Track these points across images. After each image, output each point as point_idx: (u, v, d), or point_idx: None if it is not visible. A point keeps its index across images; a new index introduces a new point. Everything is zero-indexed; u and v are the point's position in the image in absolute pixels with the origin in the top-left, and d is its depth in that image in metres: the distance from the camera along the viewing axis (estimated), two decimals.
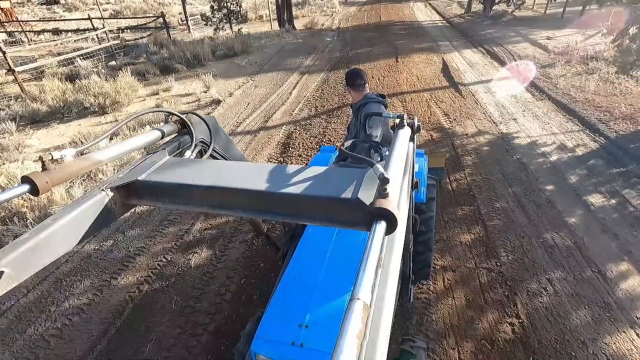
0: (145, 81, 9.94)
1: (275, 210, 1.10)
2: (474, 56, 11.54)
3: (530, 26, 15.23)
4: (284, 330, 1.87)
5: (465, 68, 10.31)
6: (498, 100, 7.87)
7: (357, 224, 0.97)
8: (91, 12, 24.91)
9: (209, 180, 1.13)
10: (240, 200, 1.12)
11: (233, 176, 1.16)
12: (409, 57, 11.51)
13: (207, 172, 1.19)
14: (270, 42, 13.92)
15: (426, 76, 9.62)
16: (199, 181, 1.13)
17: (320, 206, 1.02)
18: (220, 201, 1.15)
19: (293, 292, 2.09)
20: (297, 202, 1.05)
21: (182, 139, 1.48)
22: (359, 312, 0.57)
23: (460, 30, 15.64)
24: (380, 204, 0.81)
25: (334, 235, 2.41)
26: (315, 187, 1.04)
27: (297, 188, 1.04)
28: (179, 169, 1.23)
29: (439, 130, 6.55)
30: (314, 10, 22.44)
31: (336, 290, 2.04)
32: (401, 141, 1.26)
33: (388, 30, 16.22)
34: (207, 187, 1.11)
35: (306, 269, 2.22)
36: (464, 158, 5.56)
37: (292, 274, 2.20)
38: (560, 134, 6.29)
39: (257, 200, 1.09)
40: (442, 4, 23.41)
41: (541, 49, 11.56)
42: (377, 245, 0.72)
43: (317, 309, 1.94)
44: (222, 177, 1.15)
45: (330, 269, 2.18)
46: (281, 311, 1.99)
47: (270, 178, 1.11)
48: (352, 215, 0.97)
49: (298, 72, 10.59)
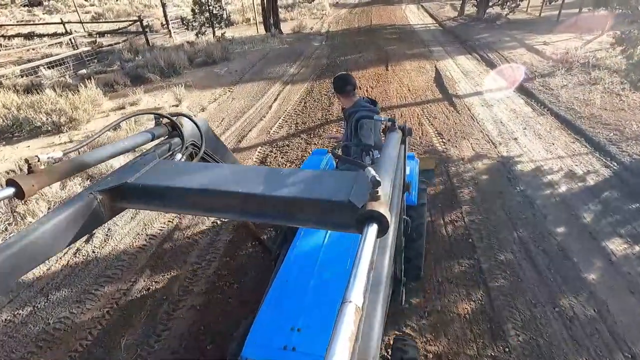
0: (114, 92, 9.07)
1: (267, 213, 1.08)
2: (468, 63, 10.79)
3: (526, 30, 14.53)
4: (275, 334, 1.83)
5: (460, 77, 9.55)
6: (496, 115, 7.11)
7: (349, 227, 0.94)
8: (73, 15, 23.91)
9: (201, 183, 1.12)
10: (232, 204, 1.10)
11: (225, 179, 1.15)
12: (399, 64, 10.74)
13: (199, 175, 1.19)
14: (254, 48, 13.07)
15: (418, 87, 8.84)
16: (190, 184, 1.12)
17: (312, 209, 1.01)
18: (212, 204, 1.13)
19: (285, 295, 2.06)
20: (289, 205, 1.04)
21: (173, 141, 1.44)
22: (351, 315, 0.57)
23: (454, 35, 14.91)
24: (372, 207, 0.81)
25: (325, 238, 2.38)
26: (307, 189, 1.03)
27: (289, 191, 1.04)
28: (170, 171, 1.22)
29: (432, 153, 5.77)
30: (304, 13, 21.61)
31: (328, 293, 2.01)
32: (392, 144, 1.28)
33: (379, 34, 15.44)
34: (198, 190, 1.10)
35: (298, 272, 2.19)
36: (460, 191, 4.78)
37: (284, 277, 2.17)
38: (567, 158, 5.54)
39: (249, 203, 1.08)
40: (435, 6, 22.69)
41: (539, 56, 10.84)
42: (368, 247, 0.72)
43: (309, 312, 1.91)
44: (214, 180, 1.14)
45: (322, 271, 2.15)
46: (273, 315, 1.94)
47: (262, 181, 1.11)
48: (344, 218, 0.96)
49: (281, 82, 9.77)
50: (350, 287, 0.62)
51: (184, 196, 1.14)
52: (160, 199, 1.16)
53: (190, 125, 1.51)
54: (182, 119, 1.49)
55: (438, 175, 5.14)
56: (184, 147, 1.44)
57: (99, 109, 7.89)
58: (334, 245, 2.34)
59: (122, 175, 1.18)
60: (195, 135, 1.53)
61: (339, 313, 0.57)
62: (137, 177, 1.17)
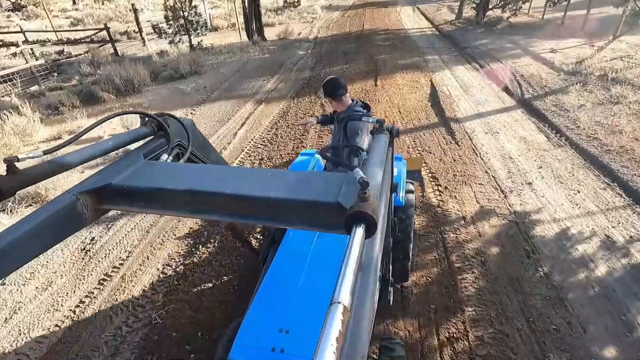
0: (59, 116, 7.72)
1: (255, 214, 1.06)
2: (468, 76, 9.44)
3: (529, 35, 13.16)
4: (263, 335, 1.80)
5: (458, 93, 8.20)
6: (503, 147, 5.76)
7: (337, 228, 0.91)
8: (55, 20, 22.51)
9: (187, 184, 1.09)
10: (219, 205, 1.08)
11: (212, 180, 1.12)
12: (390, 77, 9.38)
13: (185, 176, 1.16)
14: (231, 58, 11.68)
15: (410, 107, 7.49)
16: (176, 185, 1.09)
17: (300, 210, 1.00)
18: (198, 205, 1.09)
19: (273, 296, 2.02)
20: (277, 206, 1.01)
21: (159, 141, 1.40)
22: (339, 316, 0.57)
23: (451, 40, 13.54)
24: (360, 208, 0.80)
25: (314, 239, 2.33)
26: (294, 190, 1.01)
27: (277, 192, 1.01)
28: (155, 172, 1.19)
29: (424, 210, 4.41)
30: (293, 17, 20.22)
31: (317, 294, 1.96)
32: (380, 146, 1.28)
33: (370, 40, 14.07)
34: (184, 191, 1.07)
35: (286, 273, 2.15)
36: (462, 278, 3.41)
37: (272, 279, 2.12)
38: (600, 214, 4.20)
39: (237, 205, 1.06)
40: (431, 9, 21.29)
41: (547, 66, 9.48)
42: (356, 248, 0.72)
43: (298, 314, 1.86)
44: (201, 181, 1.11)
45: (311, 272, 2.11)
46: (261, 316, 1.91)
47: (249, 182, 1.08)
48: (332, 219, 0.94)
49: (254, 101, 8.41)
50: (339, 288, 0.62)
51: (170, 197, 1.10)
52: (146, 200, 1.12)
53: (176, 125, 1.46)
54: (168, 119, 1.44)
55: (432, 247, 3.79)
56: (170, 147, 1.39)
57: (29, 140, 6.54)
58: (322, 246, 2.30)
59: (106, 175, 1.14)
60: (181, 135, 1.47)
61: (327, 314, 0.57)
62: (121, 177, 1.13)
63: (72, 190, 1.08)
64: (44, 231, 0.97)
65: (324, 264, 2.18)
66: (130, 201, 1.12)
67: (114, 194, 1.11)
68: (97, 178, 1.14)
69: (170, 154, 1.38)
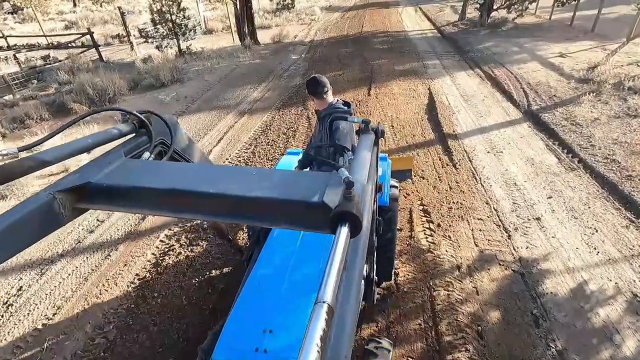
0: (25, 129, 7.10)
1: (239, 214, 1.04)
2: (470, 83, 8.68)
3: (536, 37, 12.35)
4: (247, 336, 1.76)
5: (458, 104, 7.45)
6: (507, 171, 5.02)
7: (322, 227, 0.92)
8: (49, 23, 22.05)
9: (169, 183, 1.06)
10: (202, 204, 1.05)
11: (195, 179, 1.09)
12: (386, 85, 8.65)
13: (167, 175, 1.13)
14: (219, 64, 11.00)
15: (405, 121, 6.76)
16: (158, 184, 1.06)
17: (285, 209, 0.99)
18: (181, 205, 1.06)
19: (257, 297, 1.98)
20: (261, 206, 1.00)
21: (141, 139, 1.35)
22: (324, 316, 0.56)
23: (453, 43, 12.76)
24: (345, 207, 0.80)
25: (299, 238, 2.30)
26: (280, 190, 1.00)
27: (261, 191, 1.00)
28: (137, 170, 1.15)
29: (411, 257, 3.67)
30: (291, 19, 19.52)
31: (301, 293, 1.92)
32: (365, 146, 1.27)
33: (368, 44, 13.33)
34: (166, 190, 1.04)
35: (271, 273, 2.10)
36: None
37: (256, 279, 2.08)
38: (624, 262, 3.46)
39: (221, 204, 1.03)
40: (434, 9, 20.47)
41: (556, 72, 8.70)
42: (341, 248, 0.72)
43: (282, 314, 1.83)
44: (184, 180, 1.08)
45: (295, 272, 2.07)
46: (245, 316, 1.86)
47: (234, 181, 1.06)
48: (317, 219, 0.93)
49: (236, 112, 7.73)
50: (323, 288, 0.61)
51: (152, 196, 1.06)
52: (127, 200, 1.08)
53: (159, 122, 1.41)
54: (150, 116, 1.38)
55: (418, 311, 3.07)
56: (152, 145, 1.34)
57: None
58: (307, 246, 2.24)
59: (86, 174, 1.10)
60: (164, 133, 1.42)
61: (311, 314, 0.57)
62: (101, 176, 1.09)
63: (48, 189, 1.03)
64: (18, 232, 0.92)
65: (308, 263, 2.14)
66: (110, 200, 1.09)
67: (93, 193, 1.08)
68: (76, 176, 1.10)
69: (153, 152, 1.34)
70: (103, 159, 1.19)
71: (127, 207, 1.11)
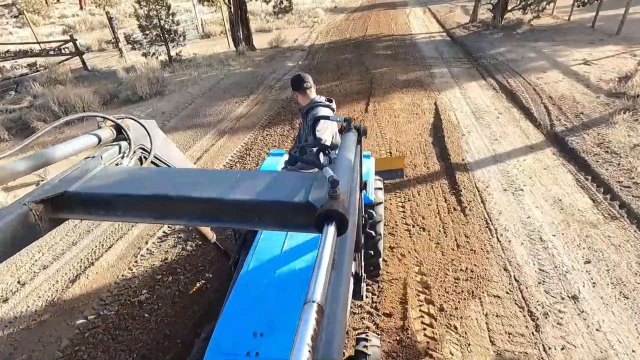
0: None
1: (224, 218, 1.03)
2: (482, 95, 7.59)
3: (555, 41, 11.15)
4: (238, 340, 1.71)
5: (469, 123, 6.39)
6: (530, 219, 3.97)
7: (309, 227, 0.91)
8: (49, 27, 21.47)
9: (151, 189, 1.03)
10: (186, 209, 1.03)
11: (177, 183, 1.07)
12: (386, 99, 7.61)
13: (148, 180, 1.10)
14: (207, 73, 10.05)
15: (405, 145, 5.73)
16: (138, 190, 1.03)
17: (271, 211, 0.98)
18: (164, 211, 1.04)
19: (246, 300, 1.93)
20: (246, 208, 0.99)
21: (119, 145, 1.32)
22: (314, 315, 0.56)
23: (463, 48, 11.63)
24: (331, 206, 0.79)
25: (285, 239, 2.26)
26: (264, 191, 0.99)
27: (246, 193, 0.98)
28: (116, 177, 1.12)
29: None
30: (292, 21, 18.53)
31: (290, 295, 1.90)
32: (349, 144, 1.25)
33: (371, 49, 12.27)
34: (148, 196, 1.01)
35: (259, 276, 2.06)
36: None
37: (244, 282, 2.04)
38: None
39: (205, 208, 1.01)
40: (443, 10, 19.27)
41: (581, 84, 7.55)
42: (329, 246, 0.71)
43: (272, 316, 1.79)
44: (165, 185, 1.05)
45: (283, 273, 2.04)
46: (234, 321, 1.82)
47: (217, 184, 1.04)
48: (303, 219, 0.93)
49: (215, 132, 6.77)
50: (312, 287, 0.61)
51: (132, 203, 1.03)
52: (106, 208, 1.06)
53: (137, 127, 1.39)
54: (128, 121, 1.36)
55: None
56: (131, 151, 1.33)
57: None
58: (295, 247, 2.21)
59: (62, 183, 1.07)
60: (143, 138, 1.41)
61: (301, 314, 0.56)
62: (79, 184, 1.06)
63: (23, 199, 0.99)
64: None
65: (296, 264, 2.07)
66: (88, 209, 1.06)
67: (70, 202, 1.03)
68: (52, 185, 1.06)
69: (132, 158, 1.31)
70: (80, 166, 1.15)
71: (107, 215, 1.08)
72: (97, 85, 8.77)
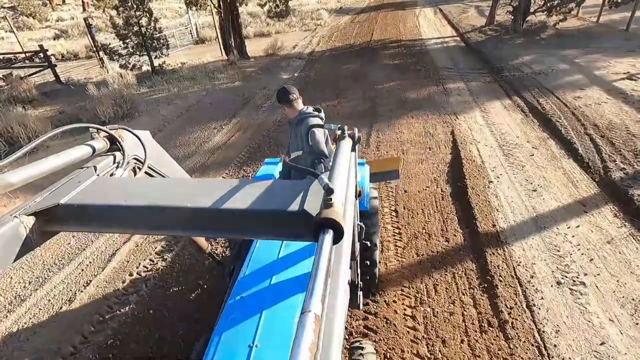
0: None
1: (219, 228, 1.02)
2: (509, 121, 6.15)
3: (587, 47, 9.61)
4: (233, 352, 1.61)
5: (496, 162, 4.98)
6: (607, 347, 2.59)
7: (304, 236, 0.90)
8: (43, 31, 20.44)
9: (145, 199, 0.99)
10: (180, 219, 0.99)
11: (172, 194, 1.04)
12: (392, 127, 6.22)
13: (142, 191, 1.05)
14: (188, 89, 8.73)
15: (415, 199, 4.34)
16: (133, 201, 0.99)
17: (266, 220, 0.95)
18: (158, 221, 1.01)
19: (241, 311, 1.82)
20: (241, 218, 0.95)
21: (112, 156, 1.27)
22: (311, 325, 0.54)
23: (481, 57, 10.14)
24: (326, 214, 0.77)
25: (281, 248, 2.17)
26: (259, 201, 0.96)
27: (241, 203, 0.95)
28: (110, 189, 1.09)
29: None
30: (294, 24, 17.13)
31: (286, 305, 1.79)
32: (343, 152, 1.22)
33: (377, 58, 10.84)
34: (142, 207, 0.98)
35: (254, 286, 1.95)
36: None
37: (240, 293, 1.92)
38: None
39: (199, 218, 0.98)
40: (455, 11, 17.68)
41: (630, 107, 6.07)
42: (325, 255, 0.69)
43: (268, 327, 1.70)
44: (160, 196, 1.02)
45: (279, 283, 1.94)
46: (229, 332, 1.72)
47: (212, 194, 0.99)
48: (299, 228, 0.90)
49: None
50: (309, 297, 0.59)
51: (127, 214, 1.00)
52: (100, 220, 1.03)
53: (131, 138, 1.35)
54: (121, 131, 1.32)
55: None
56: (125, 161, 1.28)
57: None
58: (290, 256, 2.12)
59: (55, 194, 1.02)
60: (137, 148, 1.36)
61: (298, 323, 0.55)
62: (72, 196, 1.02)
63: (14, 212, 0.95)
64: None
65: (292, 273, 1.98)
66: (81, 221, 1.02)
67: (63, 215, 1.00)
68: (44, 198, 1.02)
69: (126, 168, 1.28)
70: (73, 177, 1.12)
71: (101, 227, 1.07)
72: (62, 103, 7.55)
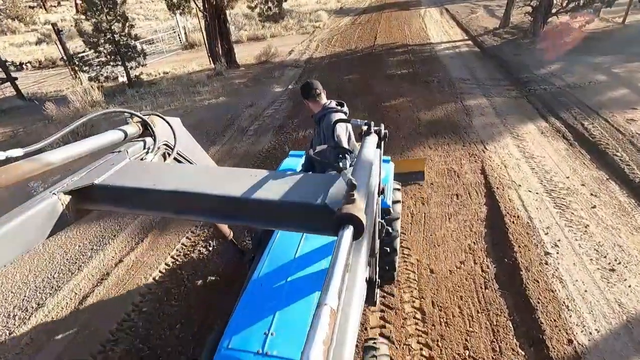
0: None
1: (242, 216, 1.01)
2: (551, 152, 4.84)
3: (622, 53, 8.29)
4: (249, 338, 1.64)
5: (549, 219, 3.67)
6: None
7: (325, 230, 0.90)
8: (27, 35, 19.15)
9: (173, 184, 1.03)
10: (206, 205, 1.02)
11: (198, 180, 1.06)
12: (404, 159, 4.92)
13: (171, 176, 1.09)
14: (163, 107, 7.40)
15: (444, 285, 3.03)
16: (161, 185, 1.02)
17: (288, 212, 0.95)
18: (184, 206, 1.04)
19: (259, 299, 1.86)
20: (264, 208, 0.96)
21: (144, 141, 1.31)
22: (326, 318, 0.54)
23: (499, 63, 8.80)
24: (348, 210, 0.76)
25: (301, 240, 2.16)
26: (283, 192, 0.96)
27: (264, 193, 0.96)
28: (140, 172, 1.12)
29: None
30: (291, 26, 15.77)
31: (303, 296, 1.81)
32: (368, 148, 1.20)
33: (381, 65, 9.51)
34: (170, 191, 1.01)
35: (273, 276, 1.98)
36: None
37: (259, 281, 1.96)
38: None
39: (224, 206, 1.00)
40: (463, 11, 16.30)
41: None
42: (344, 250, 0.68)
43: (284, 316, 1.72)
44: (187, 182, 1.05)
45: (297, 275, 1.95)
46: (246, 319, 1.75)
47: (237, 183, 1.01)
48: (320, 221, 0.90)
49: (136, 229, 4.15)
50: (326, 290, 0.59)
51: (155, 198, 1.03)
52: (130, 200, 1.06)
53: (162, 124, 1.38)
54: (154, 118, 1.35)
55: None
56: (156, 146, 1.31)
57: None
58: (310, 249, 2.11)
59: (90, 175, 1.07)
60: (168, 135, 1.39)
61: (314, 316, 0.55)
62: (105, 177, 1.06)
63: (53, 189, 0.99)
64: (22, 232, 0.89)
65: (311, 266, 1.98)
66: (113, 201, 1.06)
67: (96, 194, 1.04)
68: (80, 177, 1.06)
69: (156, 153, 1.30)
70: (107, 160, 1.15)
71: (131, 208, 1.10)
72: (16, 125, 6.27)
